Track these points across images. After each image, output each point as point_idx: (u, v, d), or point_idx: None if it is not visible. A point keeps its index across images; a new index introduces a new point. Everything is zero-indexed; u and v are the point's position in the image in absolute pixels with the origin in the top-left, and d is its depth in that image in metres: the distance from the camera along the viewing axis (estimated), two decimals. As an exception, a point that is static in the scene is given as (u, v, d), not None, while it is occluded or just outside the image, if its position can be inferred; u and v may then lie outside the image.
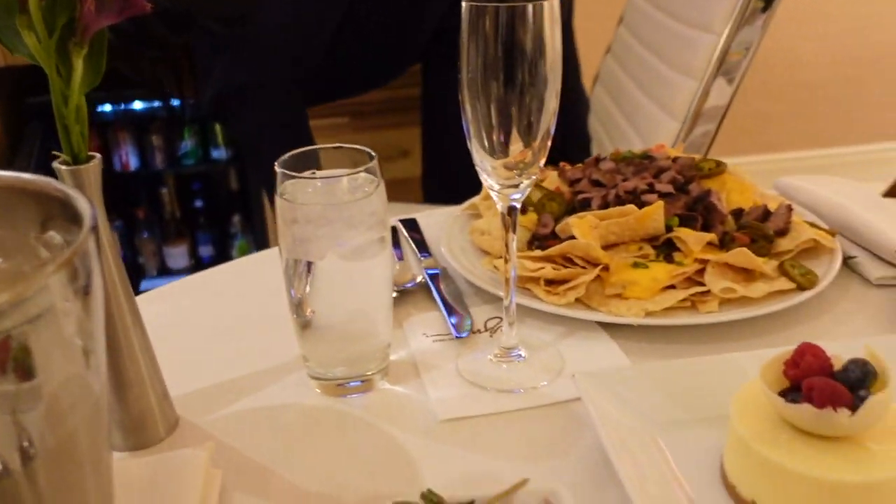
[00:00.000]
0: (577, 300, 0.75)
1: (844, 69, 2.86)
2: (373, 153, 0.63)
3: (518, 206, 0.65)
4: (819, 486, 0.48)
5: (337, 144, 0.65)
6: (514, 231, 0.66)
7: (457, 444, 0.61)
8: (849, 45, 2.84)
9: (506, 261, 0.67)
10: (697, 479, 0.55)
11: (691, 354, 0.70)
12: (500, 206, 0.65)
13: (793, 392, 0.51)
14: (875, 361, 0.51)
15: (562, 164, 0.95)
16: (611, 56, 1.65)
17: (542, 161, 0.63)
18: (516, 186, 0.63)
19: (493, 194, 0.64)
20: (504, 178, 0.63)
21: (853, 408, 0.48)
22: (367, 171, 0.62)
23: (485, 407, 0.65)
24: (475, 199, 0.95)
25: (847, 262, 0.83)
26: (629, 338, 0.73)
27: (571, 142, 1.71)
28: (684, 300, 0.73)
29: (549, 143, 0.63)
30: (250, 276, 0.89)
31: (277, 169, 0.62)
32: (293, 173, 0.61)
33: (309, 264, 0.63)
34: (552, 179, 0.92)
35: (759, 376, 0.52)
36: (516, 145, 0.62)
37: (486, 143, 0.62)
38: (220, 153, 2.43)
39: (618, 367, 0.68)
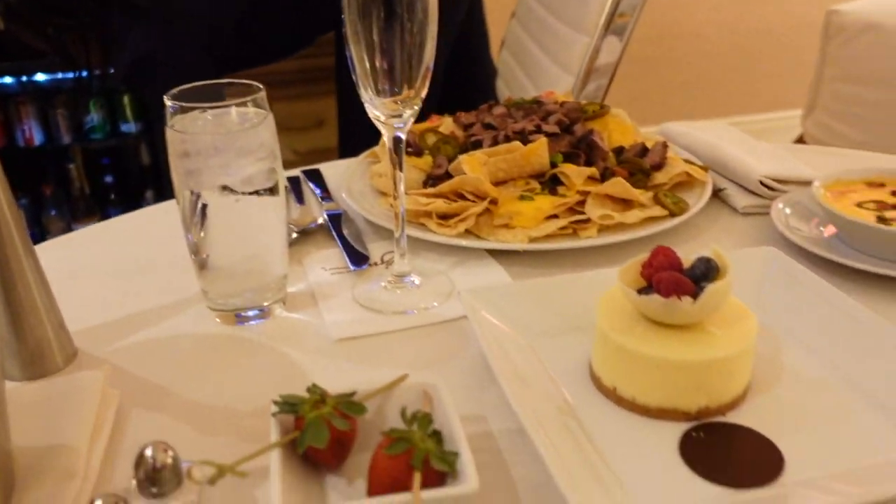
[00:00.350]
0: (468, 231, 0.79)
1: (741, 39, 3.00)
2: (260, 86, 0.65)
3: (403, 136, 0.68)
4: (667, 366, 0.54)
5: (227, 80, 0.67)
6: (401, 168, 0.70)
7: (350, 360, 0.65)
8: (743, 16, 2.97)
9: (395, 197, 0.70)
10: (568, 376, 0.60)
11: (572, 276, 0.75)
12: (386, 137, 0.68)
13: (647, 290, 0.57)
14: (719, 259, 0.57)
15: (458, 112, 0.99)
16: (515, 20, 1.70)
17: (424, 93, 0.67)
18: (400, 116, 0.66)
19: (378, 125, 0.68)
20: (389, 110, 0.66)
21: (696, 296, 0.54)
22: (254, 102, 0.64)
23: (378, 327, 0.69)
24: (375, 147, 0.98)
25: (718, 193, 0.90)
26: (515, 263, 0.77)
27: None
28: (566, 227, 0.79)
29: (430, 77, 0.66)
30: (152, 223, 0.90)
31: (167, 101, 0.63)
32: (182, 103, 0.63)
33: (203, 208, 0.65)
34: (447, 125, 0.96)
35: (618, 277, 0.57)
36: (398, 81, 0.65)
37: (370, 81, 0.65)
38: (129, 127, 2.38)
39: (499, 283, 0.73)
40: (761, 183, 0.87)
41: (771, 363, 0.61)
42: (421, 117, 1.01)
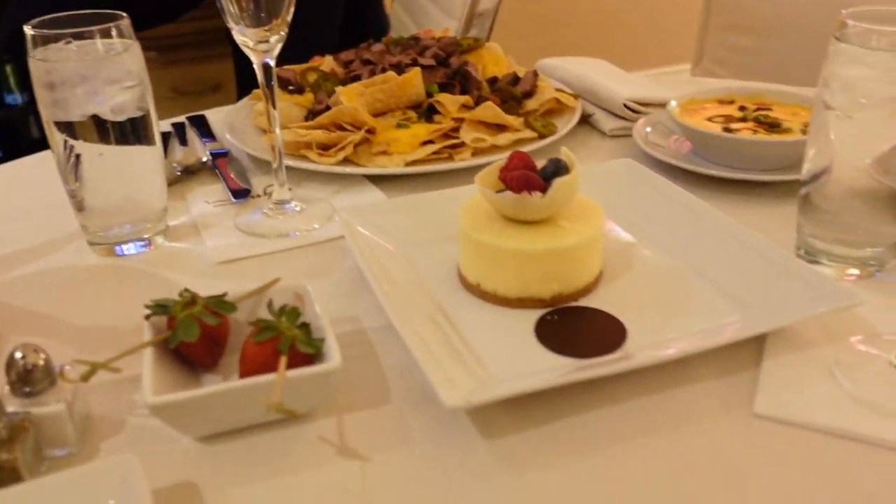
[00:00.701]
0: (347, 160, 0.82)
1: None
2: (124, 14, 0.66)
3: (272, 62, 0.70)
4: (521, 256, 0.58)
5: (90, 11, 0.67)
6: (272, 95, 0.71)
7: (230, 279, 0.67)
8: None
9: (269, 123, 0.72)
10: (438, 279, 0.64)
11: (447, 196, 0.79)
12: (256, 63, 0.70)
13: (504, 192, 0.61)
14: (568, 159, 0.62)
15: (341, 52, 1.01)
16: (405, -28, 1.72)
17: (289, 19, 0.68)
18: (267, 42, 0.68)
19: (247, 52, 0.69)
20: (257, 37, 0.68)
21: (545, 192, 0.58)
22: (118, 30, 0.65)
23: (259, 249, 0.71)
24: (257, 89, 0.99)
25: (588, 119, 0.96)
26: (393, 188, 0.80)
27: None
28: (441, 152, 0.82)
29: (294, 7, 0.68)
30: (30, 171, 0.89)
31: (28, 31, 0.63)
32: (44, 31, 0.63)
33: (77, 157, 0.66)
34: (328, 63, 0.98)
35: (476, 181, 0.61)
36: (265, 14, 0.66)
37: (236, 12, 0.66)
38: (14, 98, 2.28)
39: (375, 201, 0.76)
40: (625, 106, 0.92)
41: (624, 256, 0.66)
42: (305, 61, 1.03)
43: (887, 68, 0.55)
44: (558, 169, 0.60)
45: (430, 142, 0.83)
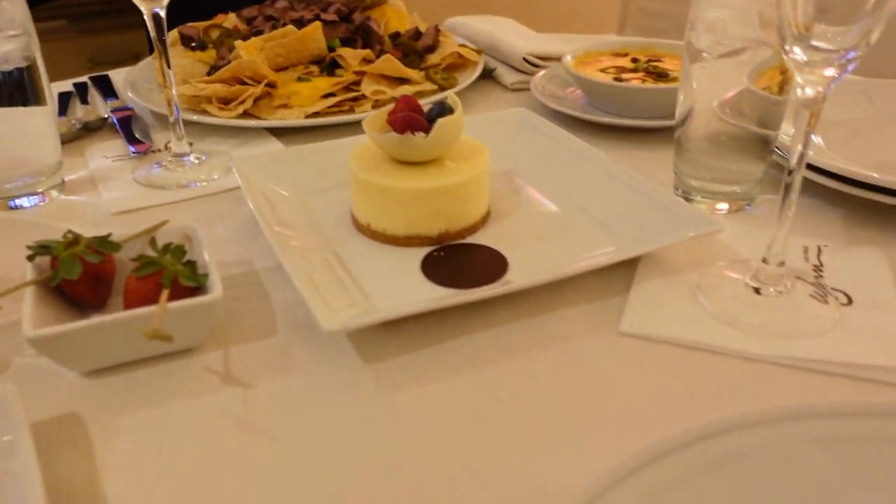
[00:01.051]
0: (249, 113, 0.82)
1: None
2: (4, -38, 0.65)
3: (162, 12, 0.70)
4: (407, 195, 0.60)
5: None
6: (163, 46, 0.71)
7: (125, 229, 0.67)
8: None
9: (163, 77, 0.72)
10: (331, 222, 0.66)
11: (348, 147, 0.80)
12: (146, 13, 0.69)
13: (389, 133, 0.63)
14: (453, 102, 0.64)
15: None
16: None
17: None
18: (156, -8, 0.68)
19: (137, 3, 0.69)
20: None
21: (428, 132, 0.60)
22: (-2, -23, 0.64)
23: (157, 199, 0.71)
24: (161, 47, 0.98)
25: (491, 74, 0.98)
26: (295, 141, 0.81)
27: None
28: (343, 104, 0.83)
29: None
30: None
31: None
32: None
33: None
34: (231, 19, 0.98)
35: (364, 125, 0.63)
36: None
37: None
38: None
39: (271, 150, 0.77)
40: (525, 60, 0.95)
41: (512, 198, 0.69)
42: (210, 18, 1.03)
43: (743, 9, 0.59)
44: (443, 111, 0.62)
45: (332, 95, 0.84)
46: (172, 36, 0.95)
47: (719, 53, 0.60)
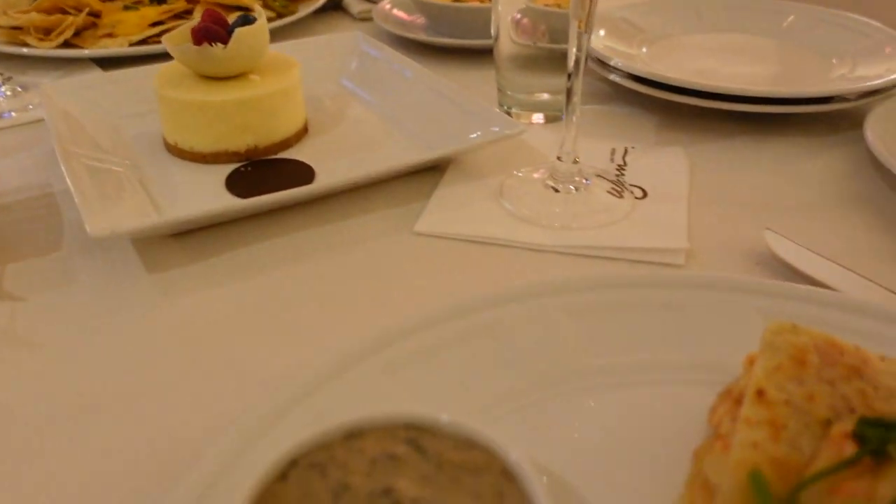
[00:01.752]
0: (72, 43, 0.79)
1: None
2: None
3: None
4: (210, 108, 0.59)
5: None
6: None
7: (-79, 160, 0.64)
8: None
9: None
10: (142, 144, 0.63)
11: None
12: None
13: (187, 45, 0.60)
14: (259, 15, 0.62)
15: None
16: None
17: None
18: None
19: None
20: None
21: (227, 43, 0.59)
22: None
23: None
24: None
25: (340, 5, 0.96)
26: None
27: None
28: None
29: None
30: None
31: None
32: None
33: None
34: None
35: (164, 40, 0.60)
36: None
37: None
38: None
39: (89, 77, 0.74)
40: (372, -12, 0.94)
41: (335, 116, 0.68)
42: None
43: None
44: (246, 22, 0.61)
45: (161, 23, 0.81)
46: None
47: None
